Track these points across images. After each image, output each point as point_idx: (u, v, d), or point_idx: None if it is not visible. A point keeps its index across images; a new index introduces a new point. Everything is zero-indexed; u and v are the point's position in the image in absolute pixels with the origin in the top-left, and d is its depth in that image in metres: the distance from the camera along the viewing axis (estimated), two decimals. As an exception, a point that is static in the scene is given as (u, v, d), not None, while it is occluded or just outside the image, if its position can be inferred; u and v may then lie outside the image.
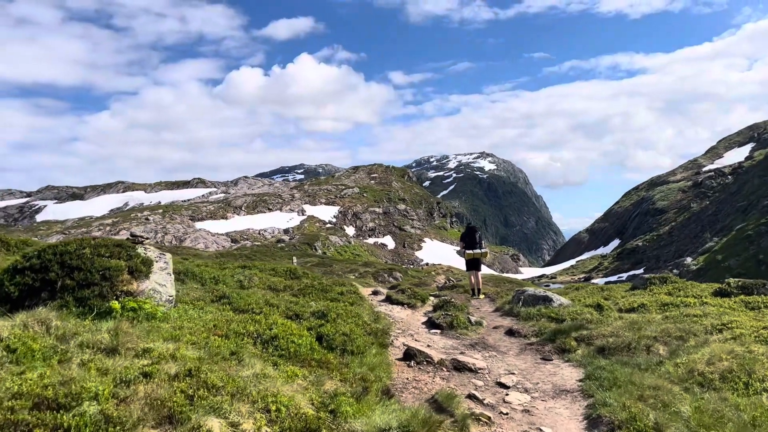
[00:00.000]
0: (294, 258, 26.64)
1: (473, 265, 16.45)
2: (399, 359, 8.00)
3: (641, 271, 78.57)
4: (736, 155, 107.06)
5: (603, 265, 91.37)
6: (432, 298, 14.72)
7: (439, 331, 9.90)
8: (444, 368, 7.61)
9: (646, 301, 9.65)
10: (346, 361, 6.53)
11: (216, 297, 8.74)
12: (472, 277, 16.62)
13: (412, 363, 7.72)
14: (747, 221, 52.19)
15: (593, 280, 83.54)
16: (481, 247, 16.28)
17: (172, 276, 7.43)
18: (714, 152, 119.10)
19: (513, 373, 7.38)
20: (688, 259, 51.16)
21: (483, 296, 16.08)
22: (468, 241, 16.30)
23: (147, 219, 74.73)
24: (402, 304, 12.81)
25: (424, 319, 11.26)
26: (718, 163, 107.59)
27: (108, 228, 70.17)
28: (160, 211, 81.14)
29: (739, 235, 47.88)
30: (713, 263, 45.46)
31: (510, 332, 9.49)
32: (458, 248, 17.16)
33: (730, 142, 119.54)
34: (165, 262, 7.30)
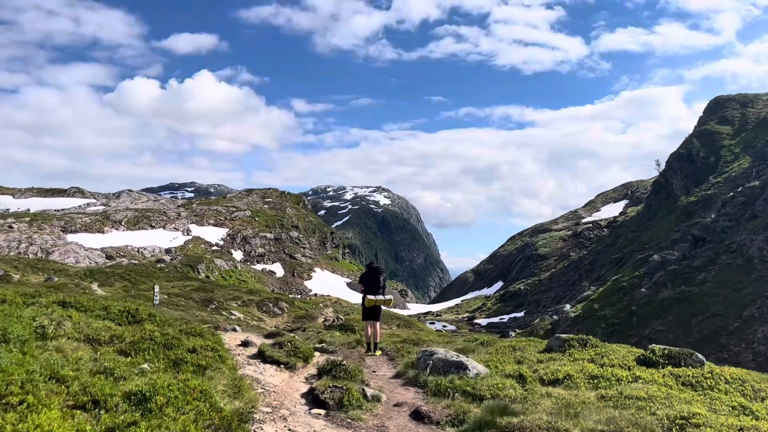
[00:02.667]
0: (156, 287, 22.58)
1: (372, 313, 13.44)
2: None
3: (522, 314, 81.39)
4: (612, 210, 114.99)
5: (486, 306, 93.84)
6: (317, 354, 12.04)
7: (323, 411, 7.55)
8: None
9: (571, 370, 8.68)
10: None
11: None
12: (369, 329, 13.53)
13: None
14: (622, 273, 55.23)
15: (476, 320, 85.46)
16: (384, 293, 13.59)
17: None
18: (592, 206, 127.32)
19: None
20: (567, 307, 53.18)
21: (379, 353, 13.34)
22: (370, 284, 13.50)
23: (10, 227, 67.64)
24: (278, 362, 10.16)
25: (305, 388, 8.92)
26: (596, 216, 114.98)
27: (-39, 233, 62.71)
28: (28, 219, 73.90)
29: (614, 286, 50.44)
30: (590, 311, 47.41)
31: (418, 415, 7.40)
32: (358, 291, 14.39)
33: (606, 198, 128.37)
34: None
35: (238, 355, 10.45)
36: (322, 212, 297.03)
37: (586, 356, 9.91)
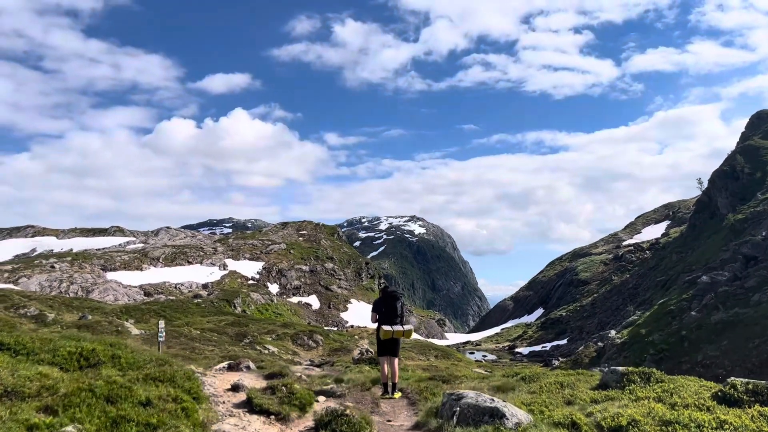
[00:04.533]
0: (161, 322, 20.93)
1: (389, 347, 11.15)
2: None
3: (565, 341, 78.83)
4: (654, 231, 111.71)
5: (527, 334, 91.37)
6: (321, 398, 10.09)
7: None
8: None
9: (636, 414, 6.94)
10: None
11: None
12: (386, 366, 11.22)
13: None
14: (668, 296, 52.96)
15: (518, 349, 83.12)
16: (403, 322, 11.23)
17: None
18: (633, 228, 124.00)
19: None
20: (612, 333, 51.06)
21: (399, 395, 11.08)
22: (385, 312, 11.18)
23: (52, 267, 69.01)
24: (268, 413, 8.37)
25: (297, 449, 7.42)
26: (637, 238, 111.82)
27: (6, 275, 64.08)
28: (69, 258, 75.34)
29: (661, 310, 48.25)
30: (637, 337, 45.32)
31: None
32: (372, 321, 11.58)
33: (647, 219, 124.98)
34: None
35: (222, 402, 8.91)
36: (358, 243, 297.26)
37: (651, 394, 8.17)
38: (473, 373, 12.39)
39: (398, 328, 11.01)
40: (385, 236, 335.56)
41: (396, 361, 11.24)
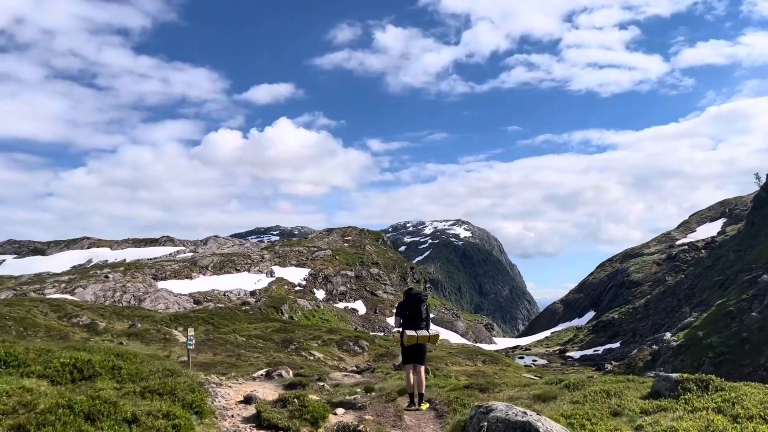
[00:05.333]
0: (190, 330, 19.67)
1: (414, 354, 10.29)
2: None
3: (617, 344, 76.60)
4: (709, 230, 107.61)
5: (578, 338, 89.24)
6: (339, 410, 9.27)
7: None
8: None
9: (691, 426, 6.18)
10: None
11: None
12: (411, 375, 10.28)
13: None
14: (727, 296, 50.80)
15: (569, 353, 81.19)
16: (428, 327, 10.38)
17: None
18: (686, 226, 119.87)
19: None
20: (668, 335, 49.25)
21: (426, 406, 10.10)
22: (409, 315, 10.37)
23: (106, 277, 71.12)
24: (277, 428, 7.88)
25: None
26: (691, 237, 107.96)
27: (63, 285, 66.42)
28: (122, 268, 77.57)
29: (719, 311, 46.29)
30: (694, 339, 43.59)
31: None
32: (395, 326, 10.66)
33: (701, 217, 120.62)
34: None
35: (231, 416, 8.36)
36: (403, 248, 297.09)
37: (709, 404, 7.26)
38: (515, 380, 11.42)
39: (423, 333, 10.17)
40: (430, 240, 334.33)
41: (422, 369, 10.36)
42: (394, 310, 10.83)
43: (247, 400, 9.07)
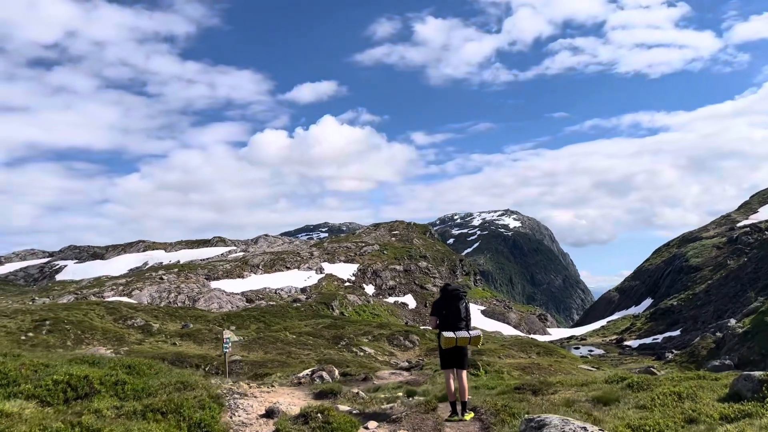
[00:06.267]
0: (226, 333, 18.38)
1: (455, 358, 9.19)
2: None
3: (678, 332, 73.94)
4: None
5: (636, 326, 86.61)
6: (370, 424, 8.40)
7: None
8: None
9: None
10: None
11: None
12: (452, 381, 9.18)
13: None
14: (795, 279, 48.24)
15: (626, 342, 78.89)
16: (469, 327, 9.21)
17: None
18: (748, 207, 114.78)
19: None
20: (732, 321, 47.08)
21: (470, 416, 8.95)
22: (447, 315, 9.22)
23: (161, 278, 73.00)
24: None
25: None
26: (753, 218, 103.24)
27: (121, 288, 68.50)
28: (176, 270, 79.47)
29: (787, 295, 43.99)
30: (761, 325, 41.49)
31: None
32: (430, 327, 9.69)
33: (764, 198, 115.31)
34: None
35: None
36: (451, 241, 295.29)
37: None
38: (570, 378, 10.30)
39: (463, 334, 8.96)
40: (478, 232, 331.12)
41: (464, 374, 9.15)
42: (429, 313, 9.52)
43: (269, 413, 8.22)
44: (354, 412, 8.96)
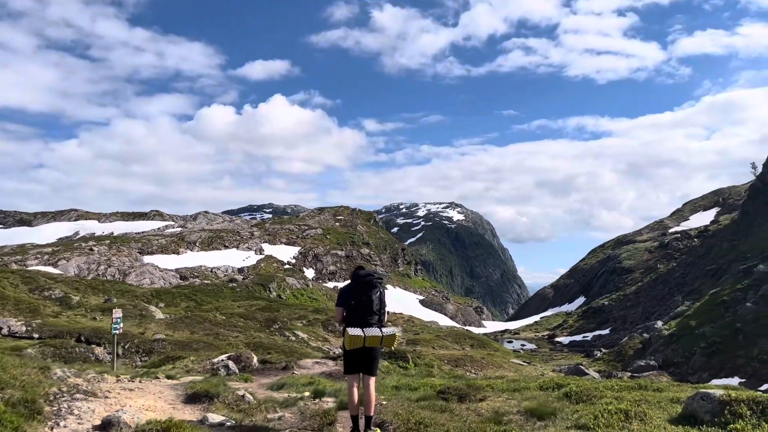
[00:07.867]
0: (116, 312, 16.15)
1: (363, 362, 7.07)
2: None
3: (607, 331, 76.15)
4: (702, 218, 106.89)
5: (568, 323, 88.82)
6: None
7: None
8: None
9: None
10: None
11: None
12: (355, 390, 7.05)
13: None
14: (720, 286, 50.13)
15: (557, 338, 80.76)
16: (382, 323, 7.21)
17: None
18: (680, 214, 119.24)
19: None
20: (659, 323, 48.64)
21: None
22: (355, 306, 7.15)
23: (91, 249, 69.78)
24: None
25: None
26: (684, 225, 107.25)
27: (46, 257, 65.04)
28: (108, 241, 76.21)
29: (713, 300, 45.61)
30: (686, 329, 42.93)
31: None
32: (336, 323, 7.37)
33: (695, 206, 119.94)
34: None
35: None
36: (395, 229, 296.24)
37: None
38: (501, 382, 9.05)
39: (374, 332, 6.87)
40: (423, 223, 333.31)
41: (372, 382, 7.04)
42: (336, 298, 7.55)
43: (105, 426, 6.35)
44: (227, 424, 7.26)
